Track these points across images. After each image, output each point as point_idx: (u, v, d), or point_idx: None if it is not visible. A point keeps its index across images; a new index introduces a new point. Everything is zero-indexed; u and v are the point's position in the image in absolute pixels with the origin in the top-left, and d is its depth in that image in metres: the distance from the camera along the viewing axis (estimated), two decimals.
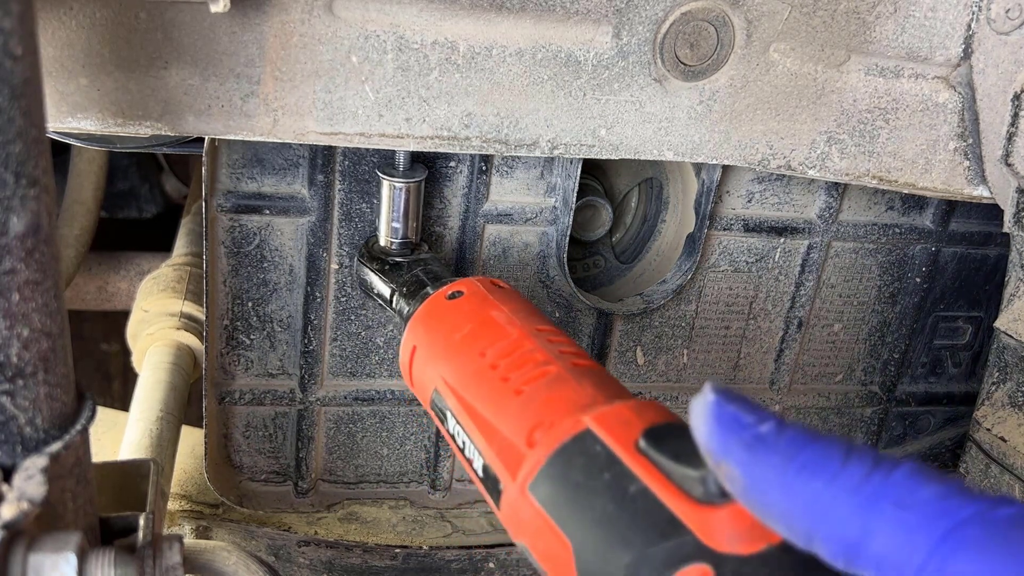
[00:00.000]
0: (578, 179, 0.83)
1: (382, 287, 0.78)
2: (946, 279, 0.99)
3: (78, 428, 0.53)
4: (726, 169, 0.86)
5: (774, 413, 0.39)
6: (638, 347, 0.93)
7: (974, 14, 0.71)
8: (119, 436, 0.92)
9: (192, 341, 1.06)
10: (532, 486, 0.50)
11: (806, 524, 0.35)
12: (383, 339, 0.88)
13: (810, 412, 1.03)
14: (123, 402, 1.02)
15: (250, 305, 0.84)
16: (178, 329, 1.06)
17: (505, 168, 0.83)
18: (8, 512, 0.47)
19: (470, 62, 0.66)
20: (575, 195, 0.84)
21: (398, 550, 0.93)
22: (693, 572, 0.40)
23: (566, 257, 0.86)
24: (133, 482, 0.64)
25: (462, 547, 0.95)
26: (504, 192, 0.84)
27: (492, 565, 0.95)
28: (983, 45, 0.72)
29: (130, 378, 1.07)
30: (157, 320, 1.07)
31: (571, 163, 0.82)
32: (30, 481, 0.49)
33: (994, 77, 0.72)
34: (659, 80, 0.69)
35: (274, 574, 0.64)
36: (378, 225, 0.81)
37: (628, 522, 0.44)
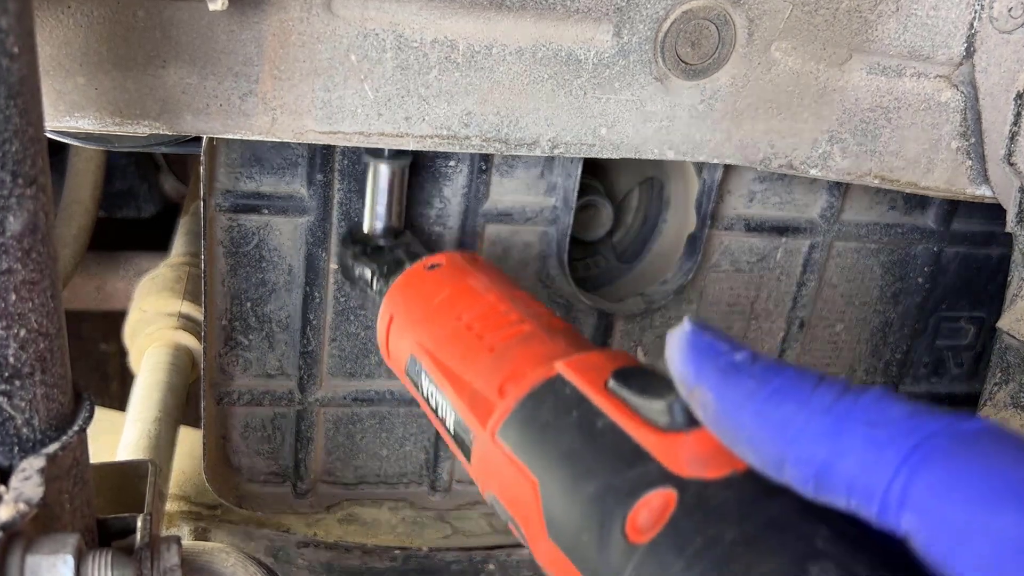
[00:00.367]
0: (579, 178, 0.82)
1: (363, 269, 0.78)
2: (948, 279, 0.99)
3: (75, 429, 0.53)
4: (727, 168, 0.85)
5: (749, 346, 0.39)
6: (639, 347, 0.93)
7: (976, 13, 0.70)
8: (117, 437, 0.91)
9: (190, 341, 1.05)
10: (501, 431, 0.50)
11: (777, 447, 0.35)
12: None
13: None
14: (121, 402, 1.01)
15: (248, 305, 0.84)
16: (176, 329, 1.05)
17: (505, 167, 0.83)
18: (5, 513, 0.47)
19: (470, 61, 0.66)
20: (576, 194, 0.83)
21: (397, 551, 0.92)
22: (657, 497, 0.39)
23: (567, 257, 0.86)
24: (131, 483, 0.64)
25: (462, 549, 0.94)
26: (504, 191, 0.84)
27: (492, 567, 0.95)
28: (985, 44, 0.71)
29: (128, 378, 1.06)
30: (155, 320, 1.07)
31: (571, 162, 0.82)
32: (27, 482, 0.49)
33: (996, 76, 0.72)
34: (660, 79, 0.69)
35: None
36: (362, 211, 0.80)
37: (594, 455, 0.43)
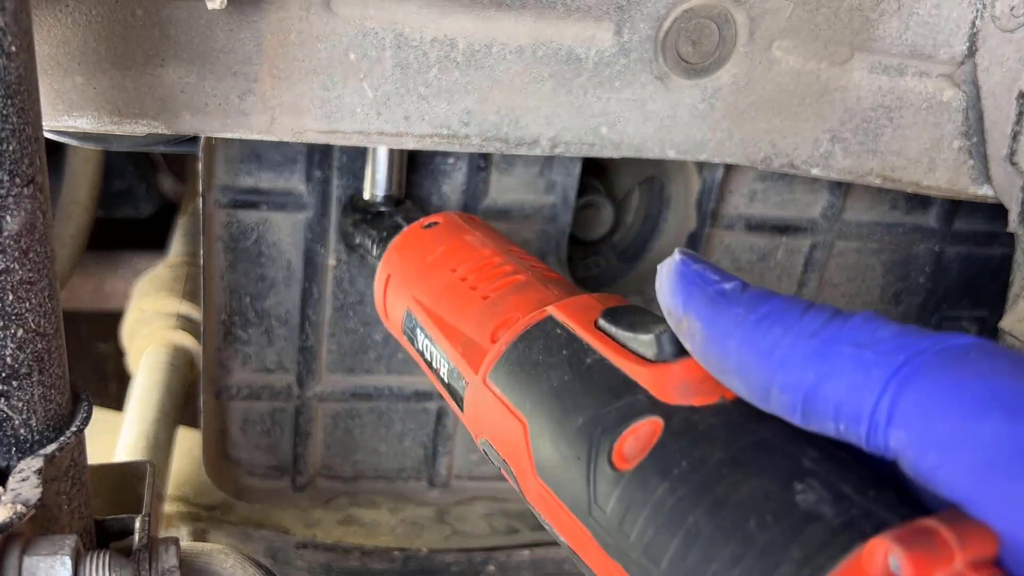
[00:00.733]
0: (578, 177, 0.82)
1: (363, 237, 0.77)
2: (950, 279, 0.99)
3: (73, 430, 0.53)
4: (728, 168, 0.85)
5: (739, 278, 0.38)
6: None
7: (978, 11, 0.70)
8: (115, 437, 0.91)
9: (188, 341, 1.05)
10: (492, 374, 0.49)
11: (763, 374, 0.35)
12: (381, 335, 0.88)
13: None
14: (119, 403, 1.01)
15: (247, 301, 0.84)
16: (175, 329, 1.05)
17: (504, 165, 0.83)
18: (3, 514, 0.46)
19: (469, 59, 0.66)
20: (575, 193, 0.83)
21: (397, 553, 0.92)
22: (644, 426, 0.39)
23: (566, 256, 0.86)
24: (129, 484, 0.64)
25: (461, 549, 0.94)
26: (503, 189, 0.83)
27: (492, 568, 0.94)
28: (987, 43, 0.71)
29: (126, 379, 1.06)
30: (153, 320, 1.06)
31: (571, 161, 0.82)
32: (25, 483, 0.48)
33: (999, 75, 0.72)
34: (661, 78, 0.69)
35: None
36: (363, 178, 0.80)
37: (582, 389, 0.43)
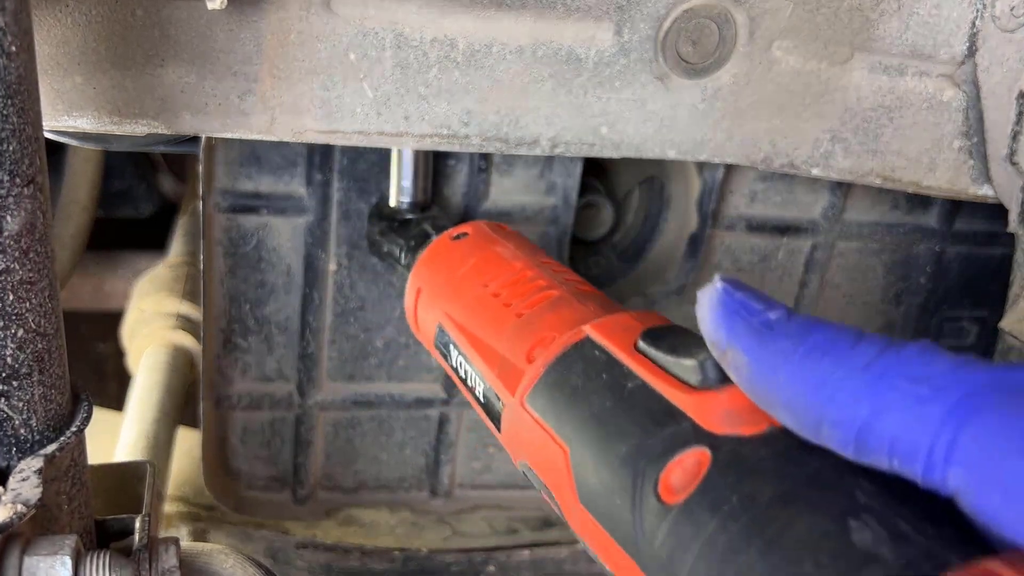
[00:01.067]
0: (579, 178, 0.82)
1: (391, 245, 0.77)
2: (951, 279, 0.99)
3: (74, 430, 0.53)
4: (729, 168, 0.85)
5: (783, 304, 0.37)
6: None
7: (979, 11, 0.70)
8: (115, 437, 0.91)
9: (188, 342, 1.05)
10: (530, 397, 0.49)
11: (814, 409, 0.33)
12: (382, 342, 0.88)
13: None
14: (119, 403, 1.01)
15: (247, 307, 0.83)
16: (174, 329, 1.05)
17: (505, 166, 0.82)
18: (3, 514, 0.46)
19: (469, 59, 0.66)
20: (576, 194, 0.83)
21: (397, 553, 0.92)
22: (690, 456, 0.38)
23: (567, 256, 0.86)
24: (129, 484, 0.63)
25: (462, 550, 0.94)
26: (504, 191, 0.83)
27: (492, 568, 0.94)
28: (988, 43, 0.71)
29: (126, 379, 1.06)
30: (153, 320, 1.06)
31: (571, 162, 0.82)
32: (25, 483, 0.48)
33: (999, 75, 0.72)
34: (661, 78, 0.69)
35: None
36: (388, 186, 0.79)
37: (625, 416, 0.42)
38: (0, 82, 0.43)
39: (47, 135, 0.64)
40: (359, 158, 0.79)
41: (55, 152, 1.25)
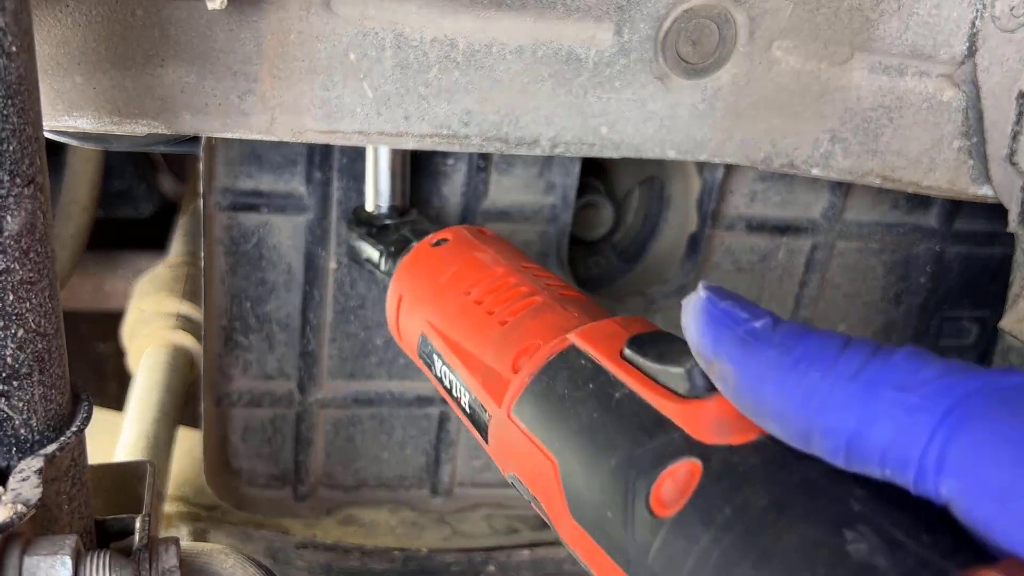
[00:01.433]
0: (578, 177, 0.82)
1: (370, 251, 0.75)
2: (951, 279, 0.99)
3: (74, 430, 0.53)
4: (729, 168, 0.85)
5: (770, 311, 0.37)
6: None
7: (978, 11, 0.70)
8: (115, 437, 0.91)
9: (188, 341, 1.05)
10: (516, 408, 0.48)
11: (803, 419, 0.33)
12: (382, 340, 0.88)
13: None
14: (119, 403, 1.01)
15: (248, 305, 0.83)
16: (175, 329, 1.05)
17: (504, 165, 0.82)
18: (3, 514, 0.46)
19: (469, 59, 0.66)
20: (575, 193, 0.83)
21: (397, 553, 0.92)
22: (681, 468, 0.37)
23: (567, 256, 0.86)
24: (129, 484, 0.63)
25: (462, 550, 0.94)
26: (503, 190, 0.83)
27: (492, 568, 0.94)
28: (987, 43, 0.71)
29: (126, 378, 1.06)
30: (153, 320, 1.06)
31: (571, 161, 0.82)
32: (25, 483, 0.48)
33: (999, 75, 0.72)
34: (661, 78, 0.69)
35: None
36: (365, 190, 0.79)
37: (613, 426, 0.42)
38: (0, 82, 0.43)
39: (47, 135, 0.64)
40: (359, 157, 0.79)
41: (55, 152, 1.25)
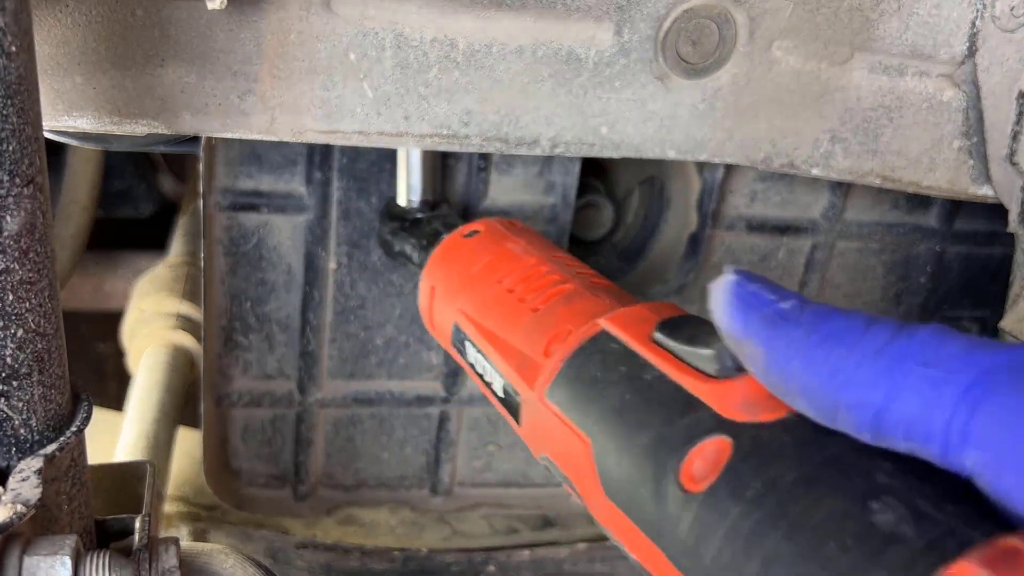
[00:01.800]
0: (578, 177, 0.82)
1: (403, 244, 0.77)
2: (951, 279, 0.99)
3: (74, 430, 0.53)
4: (729, 168, 0.85)
5: (797, 293, 0.37)
6: None
7: (978, 11, 0.70)
8: (115, 437, 0.91)
9: (188, 342, 1.05)
10: (549, 391, 0.49)
11: (830, 396, 0.34)
12: (382, 340, 0.88)
13: None
14: (119, 403, 1.01)
15: (248, 305, 0.83)
16: (174, 329, 1.05)
17: (504, 165, 0.82)
18: (3, 514, 0.46)
19: (470, 59, 0.66)
20: (575, 193, 0.83)
21: (397, 553, 0.92)
22: (711, 445, 0.39)
23: None
24: (129, 484, 0.63)
25: (462, 550, 0.94)
26: (503, 190, 0.83)
27: (492, 568, 0.94)
28: (988, 43, 0.71)
29: (126, 379, 1.06)
30: (153, 320, 1.06)
31: (570, 161, 0.82)
32: (25, 483, 0.48)
33: (999, 75, 0.72)
34: (661, 78, 0.69)
35: None
36: (391, 185, 0.79)
37: (644, 407, 0.43)
38: (0, 82, 0.43)
39: (47, 135, 0.64)
40: (359, 157, 0.79)
41: (55, 152, 1.25)
